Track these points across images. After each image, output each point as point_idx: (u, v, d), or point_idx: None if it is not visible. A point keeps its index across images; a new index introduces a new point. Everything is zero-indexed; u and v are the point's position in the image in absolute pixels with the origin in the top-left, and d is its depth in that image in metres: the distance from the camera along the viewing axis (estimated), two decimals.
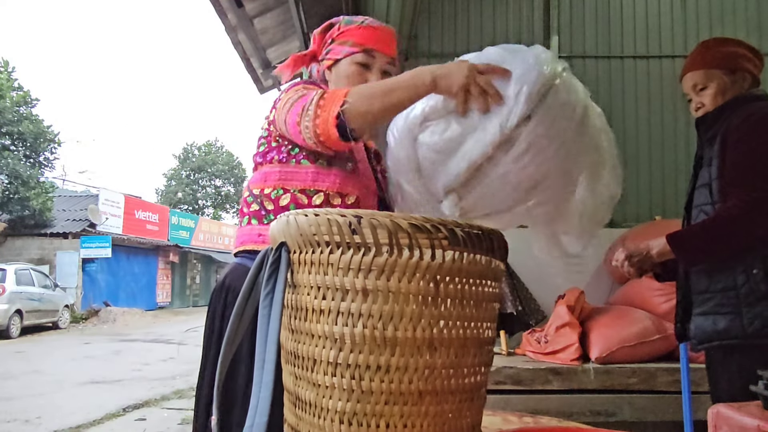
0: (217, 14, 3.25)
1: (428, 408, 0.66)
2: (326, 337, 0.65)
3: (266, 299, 0.69)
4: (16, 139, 15.75)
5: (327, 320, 0.65)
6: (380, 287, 0.63)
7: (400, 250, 0.63)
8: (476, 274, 0.69)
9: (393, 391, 0.64)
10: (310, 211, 0.68)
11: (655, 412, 2.45)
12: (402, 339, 0.64)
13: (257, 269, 0.77)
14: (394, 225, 0.63)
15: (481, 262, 0.69)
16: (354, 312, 0.64)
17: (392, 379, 0.64)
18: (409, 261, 0.63)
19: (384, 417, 0.64)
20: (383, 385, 0.64)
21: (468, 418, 0.72)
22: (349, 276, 0.64)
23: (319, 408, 0.66)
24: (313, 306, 0.66)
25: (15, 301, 11.63)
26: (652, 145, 3.89)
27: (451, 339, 0.66)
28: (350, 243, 0.64)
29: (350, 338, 0.64)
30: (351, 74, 1.31)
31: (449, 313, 0.66)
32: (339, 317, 0.64)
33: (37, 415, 5.03)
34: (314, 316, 0.66)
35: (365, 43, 1.32)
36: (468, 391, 0.70)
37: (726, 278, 1.60)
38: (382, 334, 0.63)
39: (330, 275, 0.65)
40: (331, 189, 1.22)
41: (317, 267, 0.66)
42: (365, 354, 0.63)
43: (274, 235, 0.74)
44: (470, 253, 0.67)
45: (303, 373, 0.68)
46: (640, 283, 2.83)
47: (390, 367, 0.64)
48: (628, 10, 4.00)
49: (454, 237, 0.65)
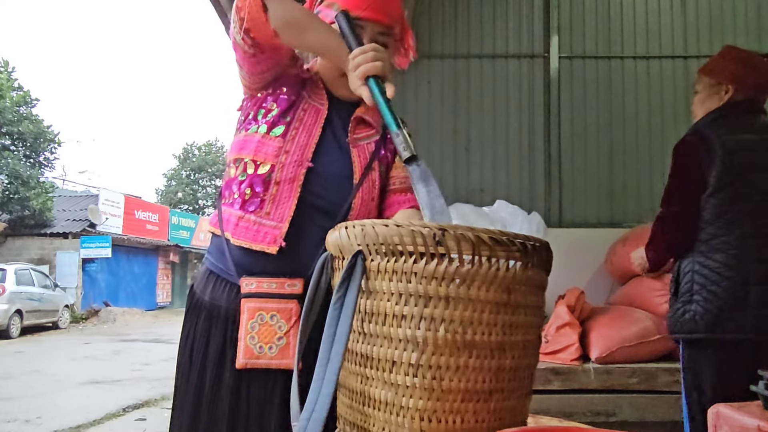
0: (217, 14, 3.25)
1: (496, 405, 0.72)
2: (407, 340, 0.70)
3: (336, 303, 0.73)
4: (16, 139, 15.76)
5: (409, 325, 0.70)
6: (461, 295, 0.69)
7: (480, 261, 0.69)
8: (536, 283, 0.76)
9: (469, 390, 0.70)
10: (390, 222, 0.72)
11: (655, 412, 2.45)
12: (479, 342, 0.70)
13: (318, 275, 0.81)
14: (477, 238, 0.68)
15: (539, 272, 0.76)
16: (436, 317, 0.69)
17: (468, 379, 0.70)
18: (488, 271, 0.70)
19: (460, 413, 0.70)
20: (460, 384, 0.70)
21: (523, 414, 0.80)
22: (433, 284, 0.69)
23: (397, 407, 0.71)
24: (393, 311, 0.71)
25: (15, 301, 11.62)
26: (652, 145, 3.90)
27: (516, 342, 0.73)
28: (435, 253, 0.69)
29: (432, 341, 0.69)
30: None
31: (516, 319, 0.73)
32: (422, 322, 0.69)
33: (37, 415, 5.04)
34: (394, 320, 0.71)
35: (351, 8, 1.08)
36: (524, 388, 0.78)
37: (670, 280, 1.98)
38: (462, 338, 0.69)
39: (413, 283, 0.70)
40: (248, 156, 1.12)
41: (399, 275, 0.70)
42: (446, 356, 0.69)
43: (343, 243, 0.77)
44: (534, 264, 0.74)
45: (377, 373, 0.73)
46: (640, 283, 2.84)
47: (467, 368, 0.70)
48: (628, 10, 4.01)
49: (525, 249, 0.72)
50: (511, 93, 3.95)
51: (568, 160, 3.91)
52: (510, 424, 0.75)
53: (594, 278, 3.40)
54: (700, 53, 3.93)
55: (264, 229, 1.10)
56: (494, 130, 3.93)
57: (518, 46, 3.98)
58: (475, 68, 3.96)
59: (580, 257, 3.40)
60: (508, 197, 3.85)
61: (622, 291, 3.08)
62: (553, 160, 3.89)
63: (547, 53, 3.94)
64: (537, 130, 3.92)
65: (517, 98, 3.94)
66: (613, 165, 3.90)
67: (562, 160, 3.90)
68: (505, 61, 3.97)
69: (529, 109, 3.93)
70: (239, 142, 1.16)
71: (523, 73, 3.96)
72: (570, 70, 3.96)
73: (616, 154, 3.91)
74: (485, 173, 3.90)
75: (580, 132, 3.93)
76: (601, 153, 3.92)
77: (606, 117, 3.94)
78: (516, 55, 3.97)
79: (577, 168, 3.91)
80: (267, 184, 1.10)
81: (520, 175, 3.90)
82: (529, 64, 3.97)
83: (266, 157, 1.11)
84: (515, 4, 4.00)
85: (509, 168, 3.91)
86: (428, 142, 3.91)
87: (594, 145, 3.93)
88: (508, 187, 3.89)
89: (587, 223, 3.82)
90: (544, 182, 3.89)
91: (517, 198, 3.87)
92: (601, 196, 3.89)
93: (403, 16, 1.20)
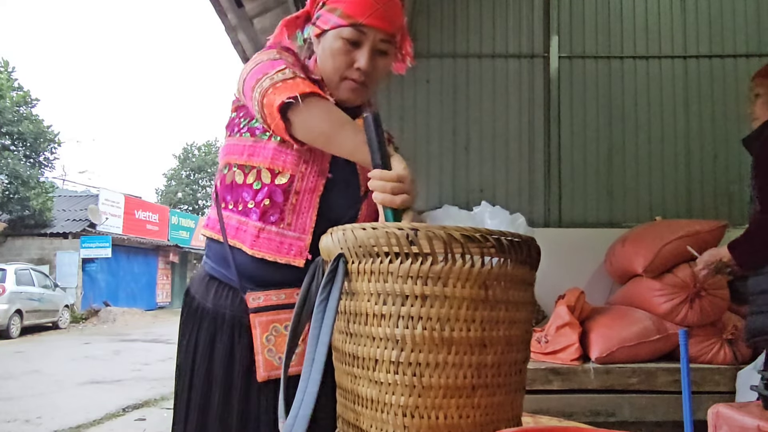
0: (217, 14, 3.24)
1: (480, 400, 0.73)
2: (387, 338, 0.72)
3: (321, 305, 0.75)
4: (16, 139, 15.75)
5: (388, 324, 0.72)
6: (437, 292, 0.70)
7: (454, 258, 0.70)
8: (518, 278, 0.76)
9: (450, 386, 0.71)
10: (368, 225, 0.74)
11: (655, 412, 2.45)
12: (457, 338, 0.71)
13: (309, 279, 0.83)
14: (448, 236, 0.70)
15: (521, 268, 0.77)
16: (414, 315, 0.71)
17: (449, 375, 0.71)
18: (462, 268, 0.71)
19: (442, 409, 0.71)
20: (441, 380, 0.71)
21: (514, 410, 0.80)
22: (408, 283, 0.71)
23: (381, 403, 0.73)
24: (374, 311, 0.73)
25: (15, 301, 11.62)
26: (652, 145, 3.89)
27: (498, 338, 0.74)
28: (408, 253, 0.71)
29: (411, 339, 0.71)
30: (335, 51, 1.09)
31: (497, 314, 0.74)
32: (399, 320, 0.71)
33: (37, 415, 5.03)
34: (375, 320, 0.73)
35: (355, 15, 1.06)
36: (513, 384, 0.78)
37: (765, 281, 1.84)
38: (440, 334, 0.71)
39: (390, 282, 0.71)
40: (263, 164, 1.08)
41: (377, 275, 0.72)
42: (425, 353, 0.71)
43: (329, 247, 0.80)
44: (513, 260, 0.75)
45: (363, 372, 0.75)
46: (640, 283, 2.84)
47: (447, 365, 0.71)
48: (628, 10, 4.00)
49: (501, 245, 0.73)
50: (511, 93, 3.95)
51: (567, 160, 3.90)
52: (500, 420, 0.75)
53: (594, 278, 3.39)
54: (700, 53, 3.93)
55: (288, 240, 1.08)
56: (494, 130, 3.93)
57: (518, 46, 3.98)
58: (474, 68, 3.96)
59: (580, 257, 3.40)
60: (507, 197, 3.86)
61: (622, 291, 3.08)
62: (553, 160, 3.89)
63: (547, 53, 3.94)
64: (537, 129, 3.92)
65: (517, 98, 3.94)
66: (613, 165, 3.90)
67: (561, 160, 3.90)
68: (505, 61, 3.97)
69: (529, 109, 3.93)
70: (246, 147, 1.11)
71: (523, 73, 3.96)
72: (570, 70, 3.96)
73: (616, 154, 3.91)
74: (485, 173, 3.90)
75: (579, 132, 3.93)
76: (601, 153, 3.92)
77: (606, 117, 3.94)
78: (516, 55, 3.97)
79: (577, 168, 3.91)
80: (287, 194, 1.08)
81: (519, 175, 3.90)
82: (529, 64, 3.97)
83: (285, 166, 1.08)
84: (515, 4, 4.00)
85: (509, 168, 3.91)
86: (428, 142, 3.91)
87: (594, 145, 3.93)
88: (507, 187, 3.89)
89: (587, 223, 3.82)
90: (544, 182, 3.89)
91: (517, 198, 3.87)
92: (601, 196, 3.89)
93: (404, 24, 1.19)
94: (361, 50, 1.08)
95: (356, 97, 1.14)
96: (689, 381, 2.13)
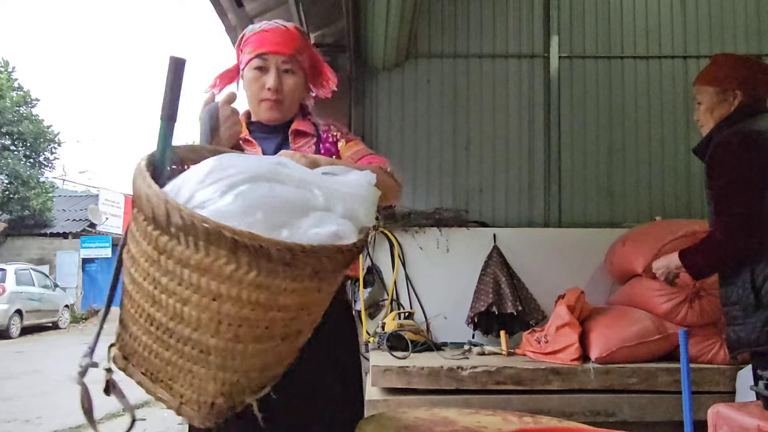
0: (218, 14, 3.25)
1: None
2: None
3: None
4: (16, 139, 15.75)
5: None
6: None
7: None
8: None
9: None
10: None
11: (655, 412, 2.45)
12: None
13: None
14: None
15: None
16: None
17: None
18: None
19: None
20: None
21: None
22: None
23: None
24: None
25: (15, 301, 11.63)
26: (652, 146, 3.89)
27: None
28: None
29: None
30: (250, 80, 1.39)
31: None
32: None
33: (37, 415, 5.04)
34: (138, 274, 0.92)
35: (258, 47, 1.36)
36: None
37: (733, 292, 1.81)
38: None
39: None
40: None
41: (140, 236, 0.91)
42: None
43: None
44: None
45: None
46: (640, 283, 2.84)
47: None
48: (628, 10, 4.00)
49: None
50: (511, 93, 3.95)
51: (567, 160, 3.90)
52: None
53: (594, 278, 3.39)
54: (700, 53, 3.93)
55: None
56: (494, 129, 3.92)
57: (518, 46, 3.98)
58: (474, 68, 3.96)
59: (580, 257, 3.40)
60: (507, 197, 3.86)
61: (621, 291, 3.08)
62: (553, 160, 3.89)
63: (547, 53, 3.94)
64: (537, 129, 3.92)
65: (517, 98, 3.94)
66: (613, 165, 3.90)
67: (561, 160, 3.90)
68: (505, 61, 3.97)
69: (529, 108, 3.93)
70: None
71: (523, 73, 3.96)
72: (570, 70, 3.96)
73: (616, 154, 3.91)
74: (485, 173, 3.90)
75: (579, 132, 3.93)
76: (601, 153, 3.92)
77: (606, 117, 3.94)
78: (516, 55, 3.97)
79: (577, 168, 3.91)
80: None
81: (520, 175, 3.90)
82: (529, 64, 3.97)
83: None
84: (515, 4, 4.00)
85: (509, 168, 3.91)
86: (428, 141, 3.91)
87: (594, 145, 3.93)
88: (507, 187, 3.89)
89: (587, 223, 3.82)
90: (544, 182, 3.89)
91: (517, 198, 3.87)
92: (601, 196, 3.89)
93: (309, 49, 1.45)
94: (268, 74, 1.37)
95: (274, 114, 1.40)
96: (689, 381, 2.13)
